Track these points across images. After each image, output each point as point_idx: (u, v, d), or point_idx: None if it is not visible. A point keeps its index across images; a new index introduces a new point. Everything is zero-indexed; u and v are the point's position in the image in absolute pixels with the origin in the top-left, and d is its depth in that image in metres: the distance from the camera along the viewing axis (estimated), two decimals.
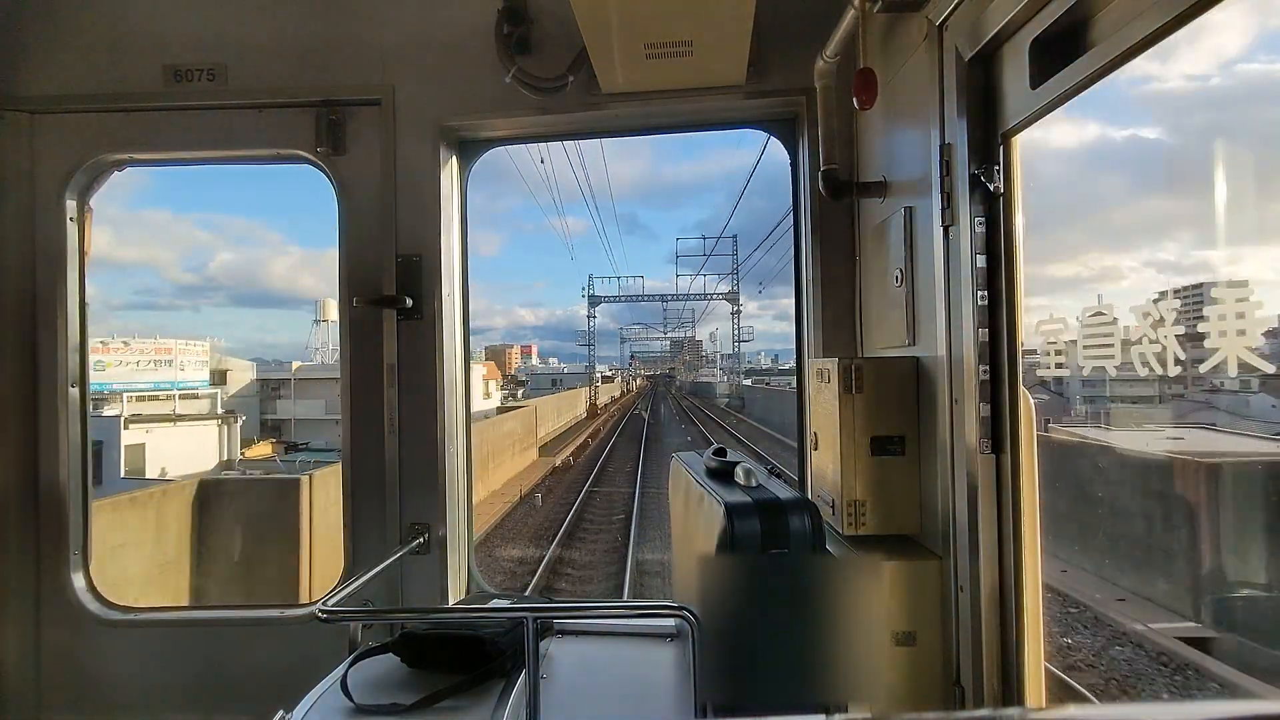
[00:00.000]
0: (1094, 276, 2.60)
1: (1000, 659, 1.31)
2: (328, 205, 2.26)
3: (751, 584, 1.24)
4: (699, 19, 1.71)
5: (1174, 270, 2.41)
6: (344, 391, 2.16)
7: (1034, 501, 1.29)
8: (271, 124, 2.18)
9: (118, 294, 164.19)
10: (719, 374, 76.02)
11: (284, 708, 1.38)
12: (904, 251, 1.62)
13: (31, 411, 2.17)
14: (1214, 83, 1.99)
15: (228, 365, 33.52)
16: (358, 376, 2.15)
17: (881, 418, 1.56)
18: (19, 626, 2.15)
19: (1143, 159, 3.68)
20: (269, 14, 2.16)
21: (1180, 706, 0.38)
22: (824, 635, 1.18)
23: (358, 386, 2.15)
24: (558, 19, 2.06)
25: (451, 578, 2.14)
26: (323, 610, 1.46)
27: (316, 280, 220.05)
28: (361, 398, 2.15)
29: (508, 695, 1.42)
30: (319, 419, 30.71)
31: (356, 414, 2.15)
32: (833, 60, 1.79)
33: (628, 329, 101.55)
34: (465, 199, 2.29)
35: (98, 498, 3.20)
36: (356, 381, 2.15)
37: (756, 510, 1.25)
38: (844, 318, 2.03)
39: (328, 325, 40.33)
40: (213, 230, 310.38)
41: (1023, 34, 1.23)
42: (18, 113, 2.17)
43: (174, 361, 27.87)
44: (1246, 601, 3.12)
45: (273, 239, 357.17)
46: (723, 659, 1.25)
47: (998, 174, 1.31)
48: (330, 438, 26.61)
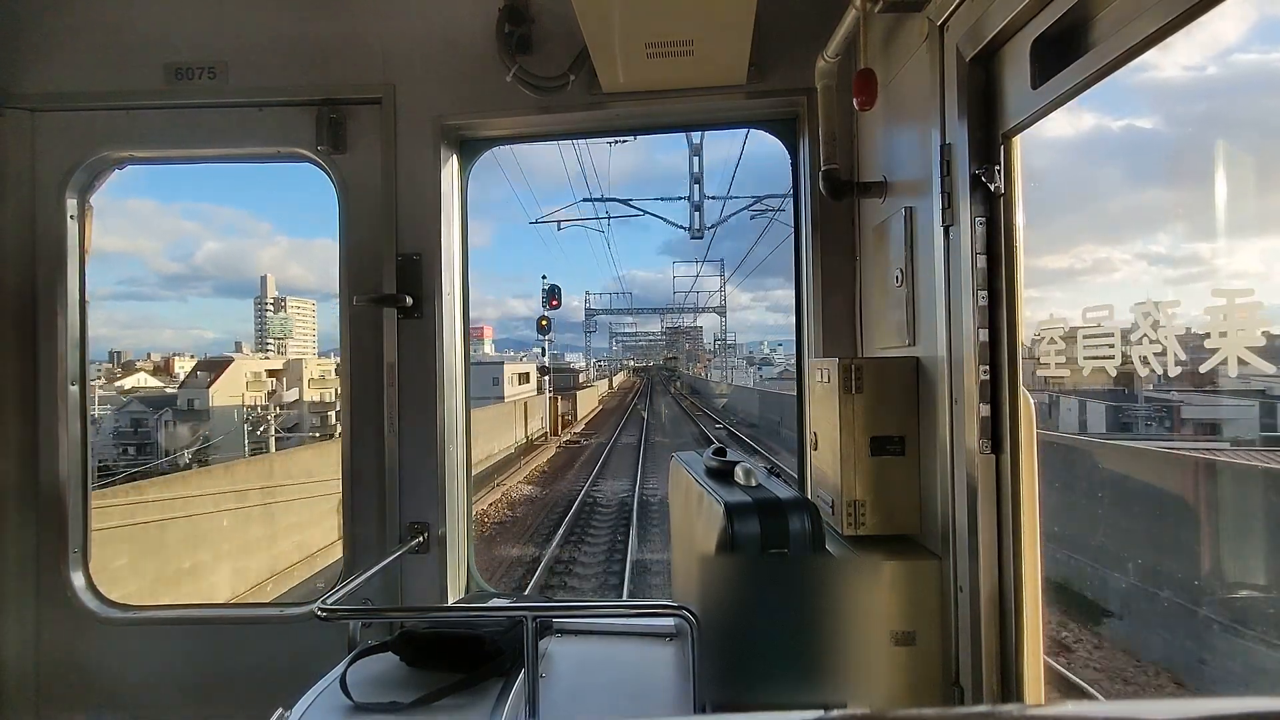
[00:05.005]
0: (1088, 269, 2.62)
1: (1000, 659, 1.31)
2: (319, 198, 2.26)
3: (751, 584, 1.24)
4: (700, 18, 1.71)
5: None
6: (344, 390, 2.16)
7: (1034, 502, 1.29)
8: (272, 122, 2.18)
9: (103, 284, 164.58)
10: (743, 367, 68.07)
11: (283, 706, 1.38)
12: (904, 251, 1.62)
13: (32, 409, 2.17)
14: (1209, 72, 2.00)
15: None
16: (357, 375, 2.15)
17: (881, 418, 1.56)
18: (18, 624, 2.15)
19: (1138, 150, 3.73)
20: (270, 12, 2.16)
21: (1179, 703, 0.38)
22: (823, 635, 1.18)
23: (357, 385, 2.15)
24: (559, 18, 2.06)
25: (451, 577, 2.14)
26: (322, 608, 1.46)
27: (305, 270, 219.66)
28: (361, 396, 2.15)
29: (507, 694, 1.42)
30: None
31: (356, 413, 2.15)
32: (833, 60, 1.79)
33: (617, 321, 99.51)
34: (465, 198, 2.29)
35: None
36: (356, 380, 2.15)
37: (756, 510, 1.25)
38: (844, 317, 2.03)
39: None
40: (200, 220, 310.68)
41: (1024, 34, 1.23)
42: (18, 110, 2.16)
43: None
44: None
45: (262, 229, 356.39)
46: (722, 658, 1.25)
47: (998, 174, 1.31)
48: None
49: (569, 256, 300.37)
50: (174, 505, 9.43)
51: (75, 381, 2.20)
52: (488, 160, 2.38)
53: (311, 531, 12.03)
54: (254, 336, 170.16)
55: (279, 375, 40.55)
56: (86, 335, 2.25)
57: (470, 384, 2.33)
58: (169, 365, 42.60)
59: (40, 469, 2.16)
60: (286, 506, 11.58)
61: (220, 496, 10.38)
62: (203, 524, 9.84)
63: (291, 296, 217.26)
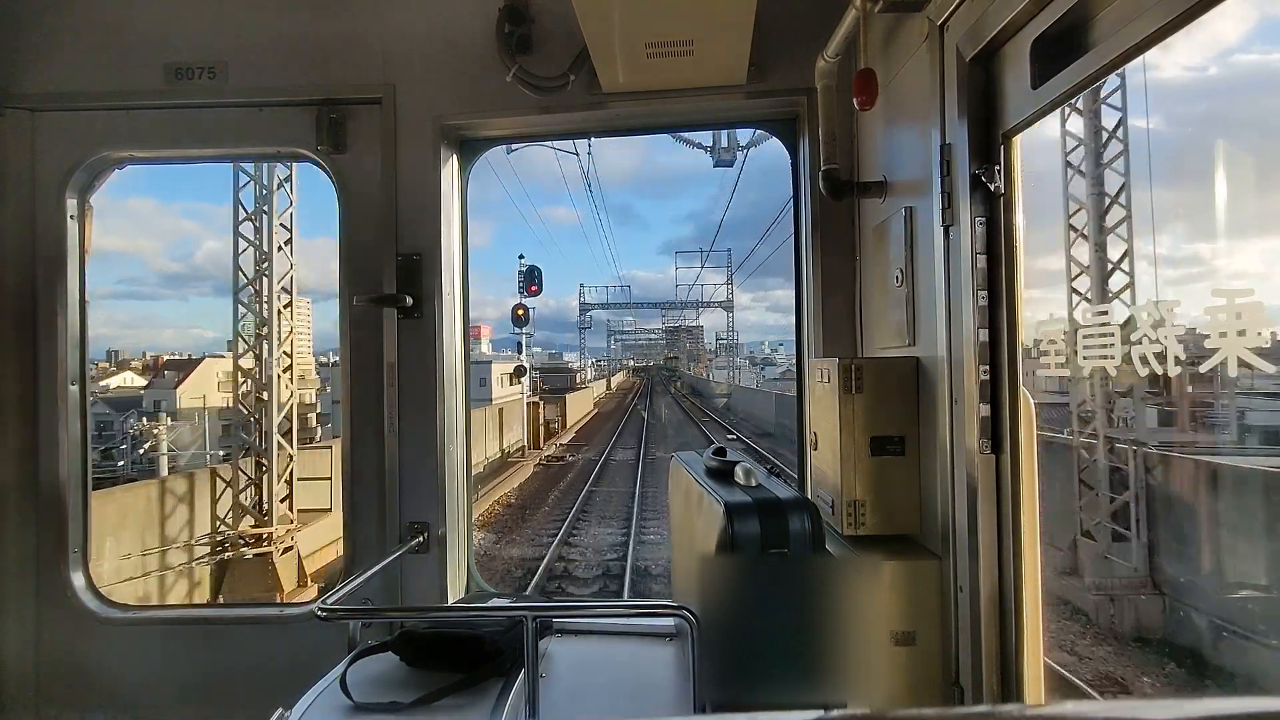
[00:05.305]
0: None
1: (999, 659, 1.31)
2: (318, 197, 2.26)
3: (751, 584, 1.24)
4: (700, 18, 1.71)
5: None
6: (344, 390, 2.16)
7: (1033, 502, 1.29)
8: (272, 122, 2.18)
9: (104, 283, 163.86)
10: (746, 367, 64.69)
11: (283, 706, 1.38)
12: (904, 251, 1.62)
13: (31, 409, 2.17)
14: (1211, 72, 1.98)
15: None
16: (357, 375, 2.15)
17: (881, 418, 1.56)
18: (19, 625, 2.15)
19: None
20: (270, 12, 2.16)
21: (1179, 704, 0.38)
22: (823, 635, 1.18)
23: (357, 385, 2.15)
24: (559, 18, 2.06)
25: (451, 577, 2.14)
26: (322, 608, 1.46)
27: (307, 270, 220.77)
28: (361, 396, 2.15)
29: (507, 694, 1.42)
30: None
31: (356, 412, 2.15)
32: (834, 60, 1.79)
33: (615, 320, 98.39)
34: (466, 198, 2.29)
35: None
36: (356, 380, 2.15)
37: (756, 510, 1.25)
38: (844, 317, 2.03)
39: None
40: (200, 219, 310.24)
41: (1024, 34, 1.23)
42: (19, 110, 2.16)
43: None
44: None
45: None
46: (722, 658, 1.25)
47: (998, 174, 1.31)
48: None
49: (569, 257, 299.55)
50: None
51: (75, 381, 2.20)
52: (487, 160, 2.39)
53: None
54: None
55: (253, 375, 39.13)
56: (86, 335, 2.24)
57: (470, 386, 2.34)
58: (158, 364, 41.58)
59: (40, 469, 2.16)
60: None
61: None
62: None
63: (284, 294, 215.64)
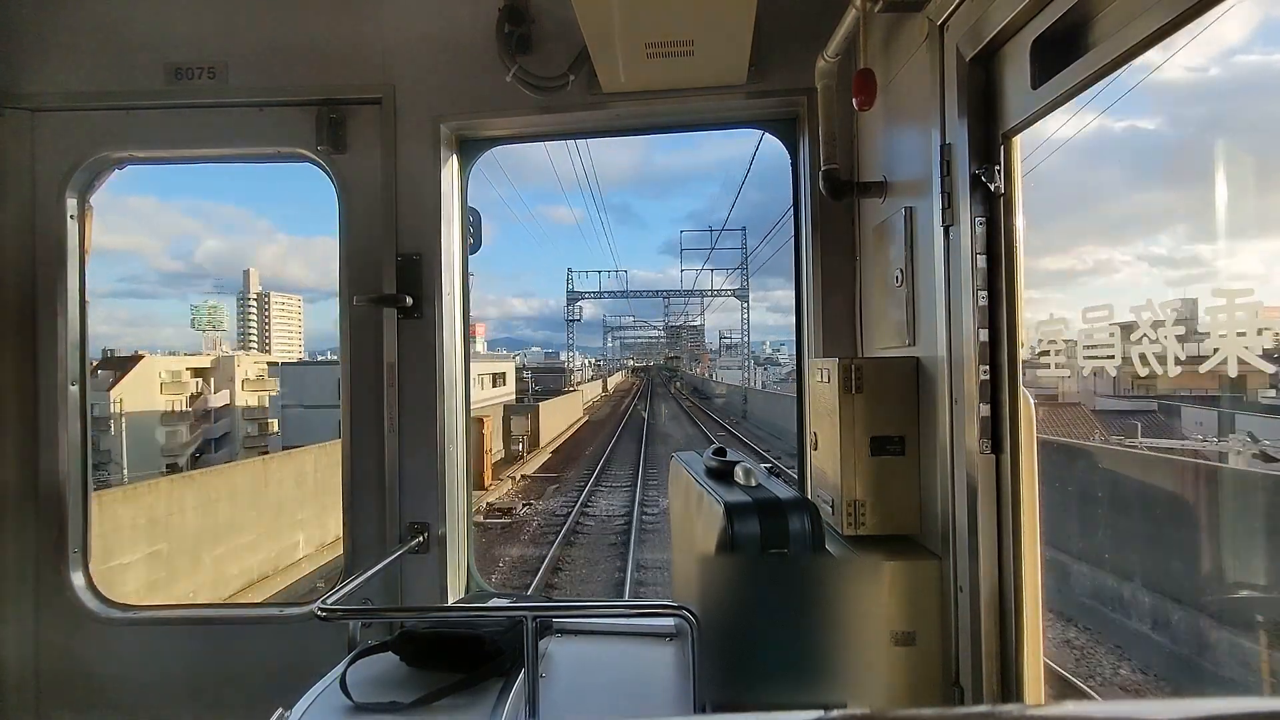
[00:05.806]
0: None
1: (1000, 659, 1.31)
2: (317, 195, 2.26)
3: (751, 584, 1.24)
4: (700, 19, 1.71)
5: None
6: (344, 390, 2.16)
7: (1034, 502, 1.29)
8: (272, 122, 2.18)
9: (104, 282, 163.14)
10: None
11: (283, 706, 1.38)
12: (904, 251, 1.62)
13: (31, 409, 2.17)
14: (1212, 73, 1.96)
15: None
16: (357, 375, 2.15)
17: (881, 418, 1.56)
18: (18, 624, 2.15)
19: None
20: (270, 12, 2.16)
21: (1179, 704, 0.38)
22: (823, 635, 1.18)
23: (357, 385, 2.15)
24: (559, 18, 2.06)
25: (451, 577, 2.14)
26: (321, 608, 1.46)
27: (306, 269, 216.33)
28: (361, 396, 2.15)
29: (507, 694, 1.42)
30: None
31: (356, 413, 2.15)
32: (834, 60, 1.79)
33: (613, 318, 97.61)
34: (466, 198, 2.29)
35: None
36: (356, 380, 2.15)
37: (756, 510, 1.25)
38: (844, 317, 2.03)
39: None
40: (201, 218, 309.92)
41: (1024, 34, 1.23)
42: (18, 110, 2.16)
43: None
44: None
45: (260, 226, 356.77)
46: (722, 658, 1.25)
47: (998, 174, 1.31)
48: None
49: (569, 258, 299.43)
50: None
51: (75, 382, 2.20)
52: (487, 159, 2.39)
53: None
54: (235, 332, 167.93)
55: (207, 375, 34.61)
56: (86, 335, 2.24)
57: (470, 386, 2.34)
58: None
59: (40, 469, 2.16)
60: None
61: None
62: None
63: (276, 292, 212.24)
